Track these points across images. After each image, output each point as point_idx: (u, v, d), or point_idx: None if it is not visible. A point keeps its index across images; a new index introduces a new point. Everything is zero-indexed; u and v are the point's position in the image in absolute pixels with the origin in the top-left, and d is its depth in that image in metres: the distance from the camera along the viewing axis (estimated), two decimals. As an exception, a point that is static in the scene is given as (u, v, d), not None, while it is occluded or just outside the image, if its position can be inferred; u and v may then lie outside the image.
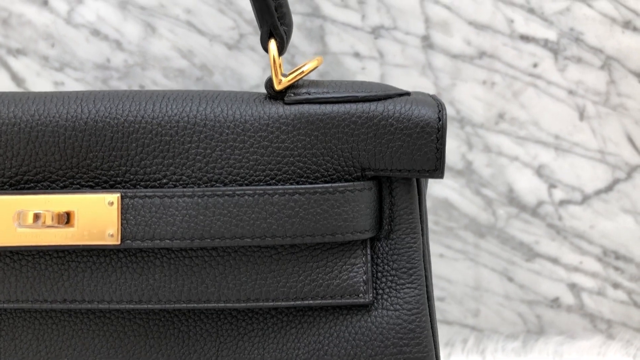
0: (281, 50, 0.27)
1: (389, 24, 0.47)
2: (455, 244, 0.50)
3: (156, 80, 0.48)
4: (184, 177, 0.26)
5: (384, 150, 0.26)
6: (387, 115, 0.26)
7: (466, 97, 0.48)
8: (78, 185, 0.26)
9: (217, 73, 0.48)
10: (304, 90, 0.27)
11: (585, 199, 0.50)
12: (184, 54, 0.48)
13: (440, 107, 0.27)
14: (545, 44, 0.47)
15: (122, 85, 0.48)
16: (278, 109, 0.27)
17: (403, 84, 0.48)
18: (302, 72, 0.27)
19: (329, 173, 0.26)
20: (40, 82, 0.48)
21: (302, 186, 0.26)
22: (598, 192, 0.50)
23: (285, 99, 0.27)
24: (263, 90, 0.31)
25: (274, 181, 0.26)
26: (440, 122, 0.26)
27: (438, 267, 0.50)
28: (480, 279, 0.51)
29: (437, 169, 0.26)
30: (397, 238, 0.27)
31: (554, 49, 0.47)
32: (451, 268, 0.50)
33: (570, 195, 0.50)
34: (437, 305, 0.50)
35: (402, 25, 0.47)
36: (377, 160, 0.26)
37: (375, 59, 0.48)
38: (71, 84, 0.48)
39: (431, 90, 0.48)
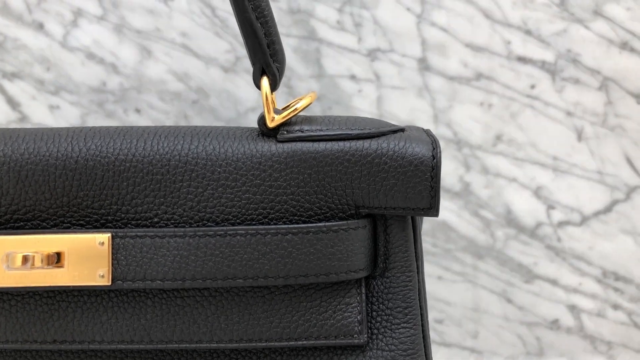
0: (274, 87, 0.27)
1: (385, 46, 0.47)
2: (454, 265, 0.50)
3: (152, 104, 0.48)
4: (175, 216, 0.26)
5: (378, 188, 0.26)
6: (381, 153, 0.26)
7: (463, 119, 0.48)
8: (68, 224, 0.26)
9: (213, 96, 0.48)
10: (297, 128, 0.27)
11: (584, 220, 0.49)
12: (179, 77, 0.48)
13: (434, 145, 0.26)
14: (543, 65, 0.47)
15: (118, 109, 0.48)
16: (271, 147, 0.26)
17: (400, 105, 0.48)
18: (296, 109, 0.26)
19: (323, 211, 0.26)
20: (35, 105, 0.48)
21: (295, 226, 0.26)
22: (597, 213, 0.49)
23: (278, 136, 0.27)
24: (260, 110, 0.31)
25: (266, 220, 0.26)
26: (435, 160, 0.26)
27: (436, 289, 0.50)
28: (479, 300, 0.50)
29: (432, 208, 0.26)
30: (393, 276, 0.26)
31: (552, 70, 0.47)
32: (450, 290, 0.50)
33: (569, 216, 0.49)
34: (436, 327, 0.50)
35: (399, 48, 0.47)
36: (371, 198, 0.26)
37: (372, 81, 0.48)
38: (67, 108, 0.48)
39: (428, 112, 0.48)
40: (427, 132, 0.28)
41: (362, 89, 0.48)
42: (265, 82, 0.27)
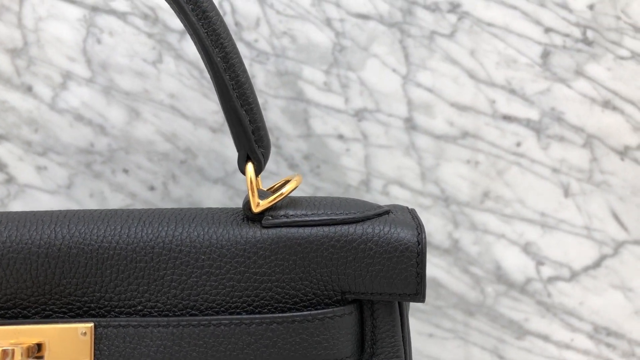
0: (258, 171, 0.27)
1: (372, 106, 0.48)
2: (445, 322, 0.49)
3: (140, 164, 0.48)
4: (159, 304, 0.26)
5: (364, 274, 0.26)
6: (366, 239, 0.26)
7: (451, 177, 0.48)
8: (50, 312, 0.26)
9: (201, 156, 0.48)
10: (282, 213, 0.27)
11: (574, 275, 0.49)
12: (168, 138, 0.48)
13: (419, 230, 0.26)
14: (528, 123, 0.48)
15: (106, 170, 0.48)
16: (255, 233, 0.26)
17: (388, 164, 0.48)
18: (281, 194, 0.26)
19: (308, 298, 0.26)
20: (22, 166, 0.48)
21: (280, 315, 0.25)
22: (586, 269, 0.49)
23: (263, 221, 0.27)
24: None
25: (251, 307, 0.26)
26: (420, 246, 0.26)
27: (428, 346, 0.49)
28: (470, 357, 0.50)
29: (418, 293, 0.26)
30: (380, 362, 0.26)
31: (537, 128, 0.48)
32: (441, 347, 0.49)
33: (559, 271, 0.49)
34: (428, 386, 0.49)
35: (385, 108, 0.48)
36: (357, 283, 0.26)
37: (359, 141, 0.48)
38: (54, 169, 0.48)
39: (416, 170, 0.48)
40: (412, 214, 0.28)
41: (349, 148, 0.48)
42: (250, 167, 0.27)
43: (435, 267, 0.49)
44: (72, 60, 0.47)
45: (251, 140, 0.26)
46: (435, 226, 0.49)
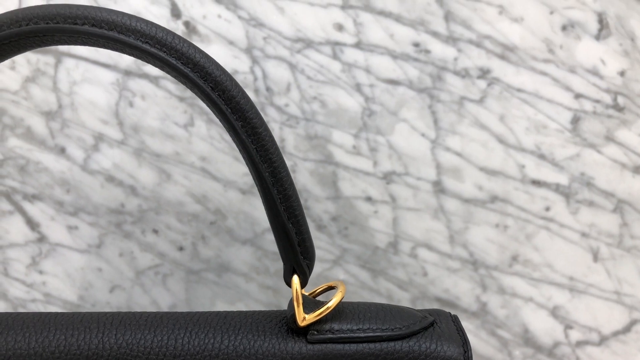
0: (304, 284, 0.27)
1: (401, 170, 0.48)
2: (472, 385, 0.49)
3: (170, 225, 0.49)
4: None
5: None
6: (413, 357, 0.26)
7: (479, 240, 0.48)
8: None
9: (230, 217, 0.48)
10: (327, 327, 0.26)
11: (603, 340, 0.49)
12: (198, 199, 0.48)
13: (465, 347, 0.26)
14: (557, 188, 0.48)
15: (136, 230, 0.49)
16: (301, 348, 0.26)
17: (416, 226, 0.48)
18: (327, 308, 0.26)
19: None
20: (54, 226, 0.49)
21: None
22: (616, 333, 0.49)
23: (308, 336, 0.26)
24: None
25: None
26: None
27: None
28: (497, 420, 0.49)
29: (464, 409, 0.26)
30: None
31: (566, 193, 0.48)
32: (468, 410, 0.49)
33: (587, 336, 0.49)
34: None
35: (414, 171, 0.48)
36: None
37: (388, 203, 0.48)
38: (85, 228, 0.49)
39: (444, 233, 0.48)
40: (457, 324, 0.28)
41: (377, 210, 0.48)
42: (295, 279, 0.27)
43: (462, 330, 0.49)
44: (105, 122, 0.47)
45: (297, 253, 0.26)
46: (463, 289, 0.49)
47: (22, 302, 0.50)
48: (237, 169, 0.48)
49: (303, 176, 0.48)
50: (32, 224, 0.49)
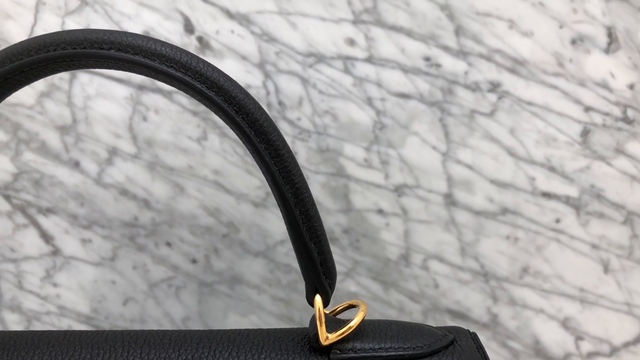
0: (326, 304, 0.27)
1: (412, 182, 0.48)
2: (483, 396, 0.49)
3: (183, 237, 0.49)
4: None
5: None
6: None
7: (490, 252, 0.49)
8: None
9: (243, 230, 0.49)
10: (349, 347, 0.27)
11: (614, 351, 0.49)
12: (211, 212, 0.49)
13: None
14: (567, 200, 0.48)
15: (149, 243, 0.49)
16: None
17: (427, 239, 0.49)
18: (350, 327, 0.27)
19: None
20: (68, 239, 0.49)
21: None
22: (626, 345, 0.49)
23: (331, 355, 0.27)
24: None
25: None
26: None
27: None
28: None
29: None
30: None
31: (576, 205, 0.48)
32: (479, 421, 0.49)
33: (599, 347, 0.49)
34: None
35: (425, 184, 0.48)
36: None
37: (399, 216, 0.49)
38: (98, 241, 0.49)
39: (455, 245, 0.49)
40: (476, 341, 0.28)
41: (389, 223, 0.49)
42: (318, 299, 0.27)
43: (473, 342, 0.49)
44: (118, 137, 0.48)
45: (319, 273, 0.27)
46: (474, 301, 0.49)
47: (37, 314, 0.51)
48: (250, 182, 0.48)
49: (315, 189, 0.48)
50: (46, 237, 0.49)
